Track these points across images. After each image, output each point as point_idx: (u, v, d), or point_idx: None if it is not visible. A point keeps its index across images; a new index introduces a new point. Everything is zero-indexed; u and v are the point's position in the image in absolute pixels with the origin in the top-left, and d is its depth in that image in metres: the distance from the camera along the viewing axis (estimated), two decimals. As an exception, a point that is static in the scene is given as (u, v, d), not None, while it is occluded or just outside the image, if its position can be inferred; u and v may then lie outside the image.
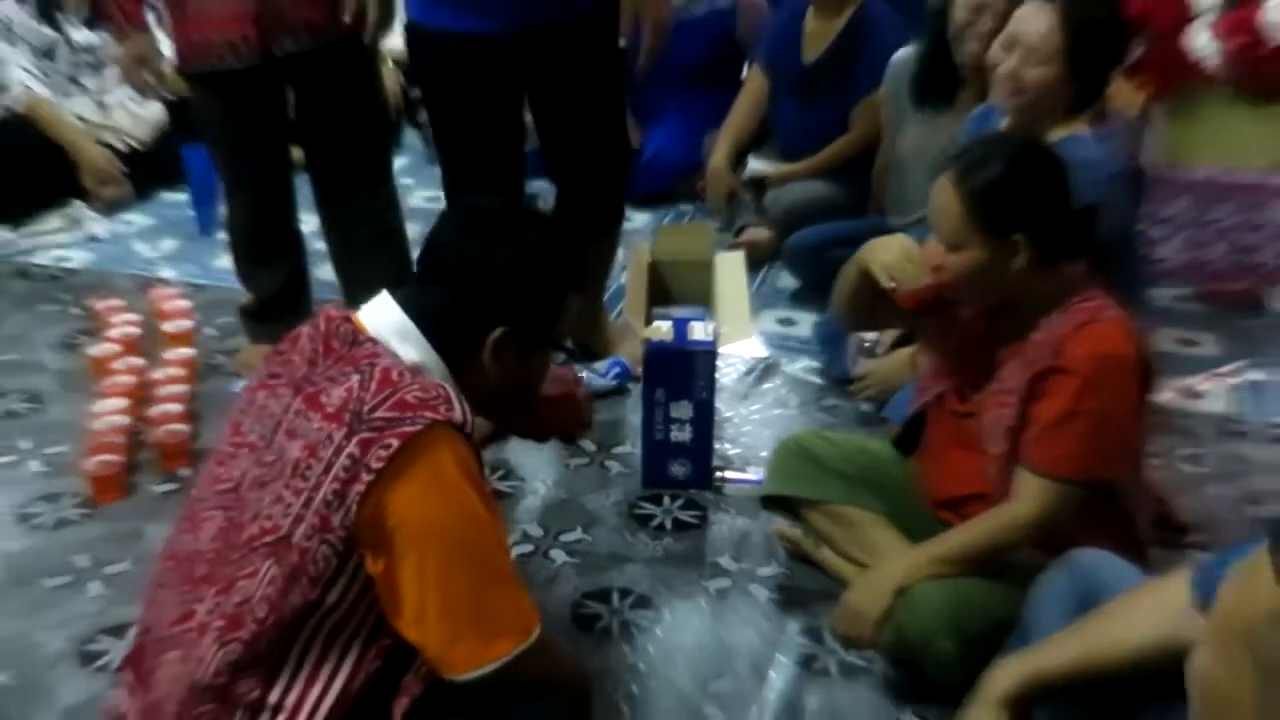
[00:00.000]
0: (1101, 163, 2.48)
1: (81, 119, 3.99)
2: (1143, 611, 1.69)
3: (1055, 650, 1.74)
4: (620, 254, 3.30)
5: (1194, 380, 3.15)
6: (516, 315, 1.64)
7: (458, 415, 1.49)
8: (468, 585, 1.50)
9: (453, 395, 1.51)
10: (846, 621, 2.14)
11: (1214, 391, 3.12)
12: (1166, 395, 3.08)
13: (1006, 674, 1.77)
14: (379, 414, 1.45)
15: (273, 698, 1.51)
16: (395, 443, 1.43)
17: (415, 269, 1.78)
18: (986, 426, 2.13)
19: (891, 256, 2.11)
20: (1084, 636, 1.73)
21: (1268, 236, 3.47)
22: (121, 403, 2.82)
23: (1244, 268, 3.52)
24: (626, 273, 3.31)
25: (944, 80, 3.17)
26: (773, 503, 2.45)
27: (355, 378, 1.49)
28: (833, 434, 2.49)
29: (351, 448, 1.44)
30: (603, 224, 3.07)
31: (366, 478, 1.43)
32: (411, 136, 4.57)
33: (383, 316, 1.61)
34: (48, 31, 4.00)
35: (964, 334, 2.20)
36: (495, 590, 1.53)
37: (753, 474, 2.70)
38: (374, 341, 1.57)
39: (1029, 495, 2.03)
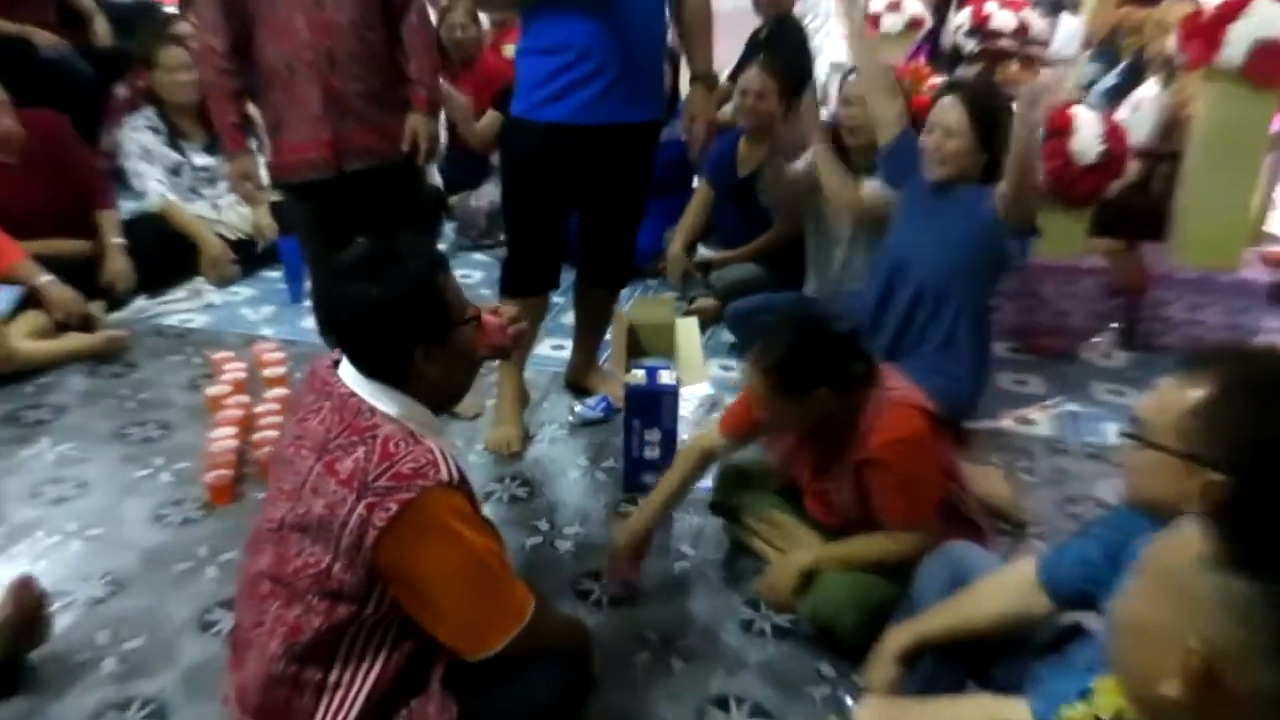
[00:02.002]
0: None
1: (201, 218, 3.94)
2: (999, 588, 1.68)
3: (935, 617, 1.72)
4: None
5: (1026, 410, 3.13)
6: (418, 331, 1.51)
7: (444, 475, 1.43)
8: (469, 598, 1.48)
9: (439, 458, 1.44)
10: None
11: (1041, 419, 3.10)
12: (1006, 422, 3.07)
13: (898, 636, 1.76)
14: (380, 483, 1.40)
15: (331, 679, 1.50)
16: (394, 507, 1.39)
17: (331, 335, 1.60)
18: (836, 504, 2.14)
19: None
20: (957, 607, 1.71)
21: (1078, 305, 3.48)
22: (232, 430, 2.75)
23: (1061, 328, 3.51)
24: (611, 333, 3.26)
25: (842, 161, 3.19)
26: (717, 508, 2.43)
27: (361, 449, 1.44)
28: (760, 461, 2.43)
29: (360, 509, 1.40)
30: (617, 281, 2.99)
31: (374, 533, 1.40)
32: (447, 228, 4.52)
33: (358, 385, 1.52)
34: (175, 155, 3.94)
35: (790, 454, 2.22)
36: (491, 596, 1.51)
37: (706, 483, 2.66)
38: (372, 411, 1.49)
39: (903, 538, 2.02)
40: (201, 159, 3.95)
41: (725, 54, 4.66)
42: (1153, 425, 1.29)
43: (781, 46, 4.28)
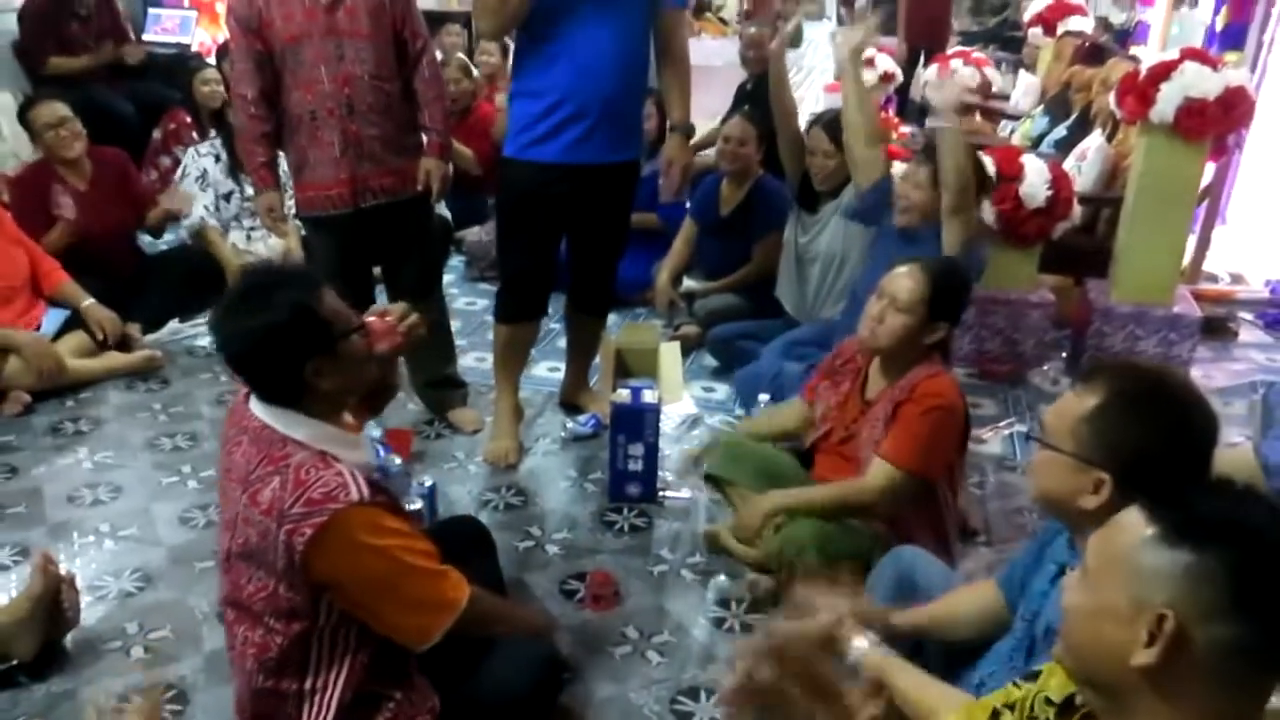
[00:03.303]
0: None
1: (235, 246, 3.98)
2: (968, 598, 1.70)
3: (908, 613, 1.71)
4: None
5: (980, 431, 3.16)
6: (303, 349, 1.47)
7: (354, 496, 1.41)
8: (397, 600, 1.50)
9: (348, 480, 1.43)
10: (738, 529, 2.26)
11: (993, 439, 3.14)
12: (961, 441, 3.12)
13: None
14: (295, 510, 1.40)
15: (307, 686, 1.52)
16: (309, 531, 1.39)
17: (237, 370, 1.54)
18: (861, 441, 2.19)
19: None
20: (934, 608, 1.72)
21: (1027, 335, 3.52)
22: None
23: (1011, 356, 3.56)
24: (600, 356, 3.30)
25: (810, 197, 3.25)
26: (710, 479, 2.46)
27: (277, 479, 1.43)
28: (755, 442, 2.47)
29: (283, 536, 1.41)
30: (602, 308, 3.04)
31: (298, 556, 1.41)
32: (456, 260, 4.56)
33: (269, 415, 1.50)
34: (230, 184, 3.98)
35: (841, 396, 2.28)
36: (418, 594, 1.51)
37: (685, 493, 2.70)
38: (284, 440, 1.47)
39: (874, 471, 2.10)
40: (252, 189, 4.00)
41: (718, 103, 4.75)
42: (1052, 429, 1.35)
43: (763, 98, 4.35)
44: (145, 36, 5.46)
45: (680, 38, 2.68)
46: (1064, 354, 3.73)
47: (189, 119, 4.64)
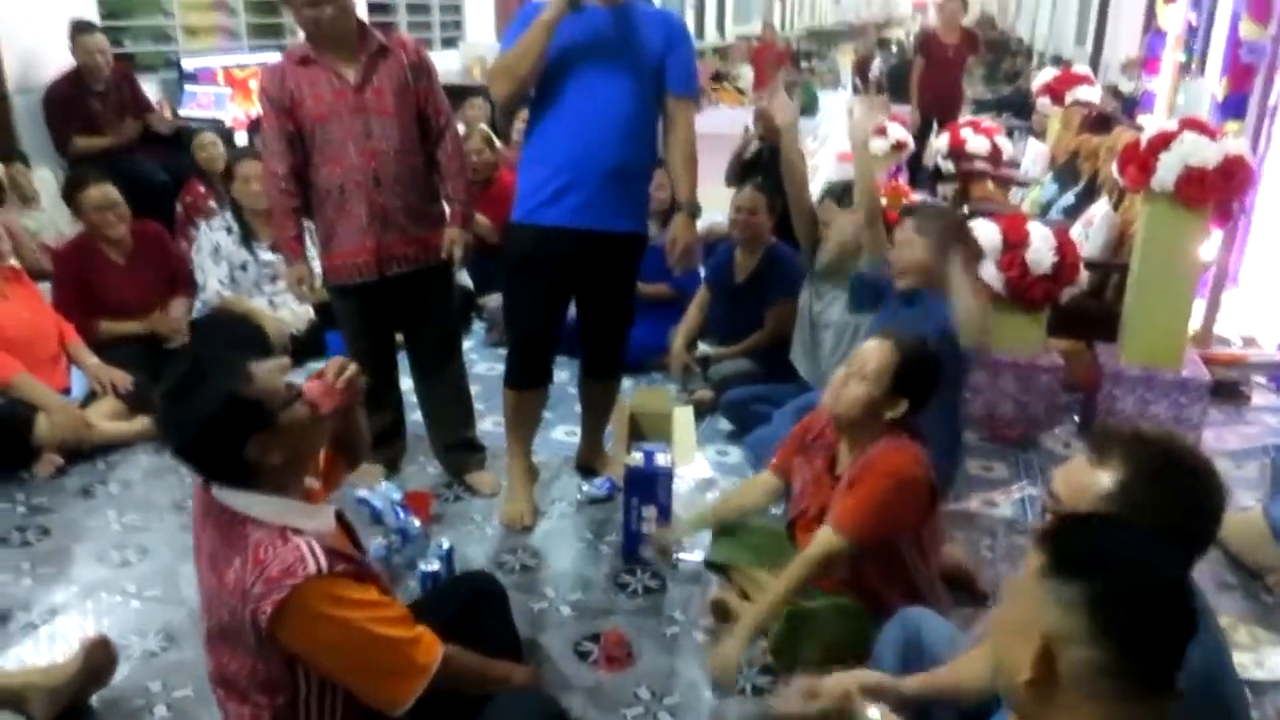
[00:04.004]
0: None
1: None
2: (976, 661, 1.71)
3: (919, 679, 1.72)
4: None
5: (991, 494, 3.19)
6: (243, 430, 1.48)
7: (312, 569, 1.43)
8: (364, 669, 1.53)
9: (305, 554, 1.44)
10: (716, 672, 2.18)
11: (1004, 502, 3.15)
12: (973, 503, 3.13)
13: (867, 675, 1.73)
14: (256, 589, 1.43)
15: None
16: (269, 609, 1.42)
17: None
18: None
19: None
20: (948, 670, 1.73)
21: (1036, 398, 3.55)
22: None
23: (1022, 419, 3.58)
24: (615, 420, 3.36)
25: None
26: (711, 565, 2.51)
27: (238, 559, 1.46)
28: (751, 525, 2.51)
29: (247, 614, 1.44)
30: (611, 373, 3.08)
31: (264, 631, 1.44)
32: (477, 326, 4.65)
33: (226, 496, 1.52)
34: (244, 254, 4.11)
35: (815, 472, 2.29)
36: (386, 661, 1.53)
37: (697, 555, 2.73)
38: (243, 521, 1.49)
39: (817, 538, 2.10)
40: (267, 255, 4.12)
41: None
42: (1071, 504, 1.38)
43: (777, 168, 4.46)
44: (181, 111, 5.67)
45: (686, 122, 2.75)
46: (1075, 417, 3.75)
47: (203, 188, 4.82)
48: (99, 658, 2.12)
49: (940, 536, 2.37)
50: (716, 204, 4.97)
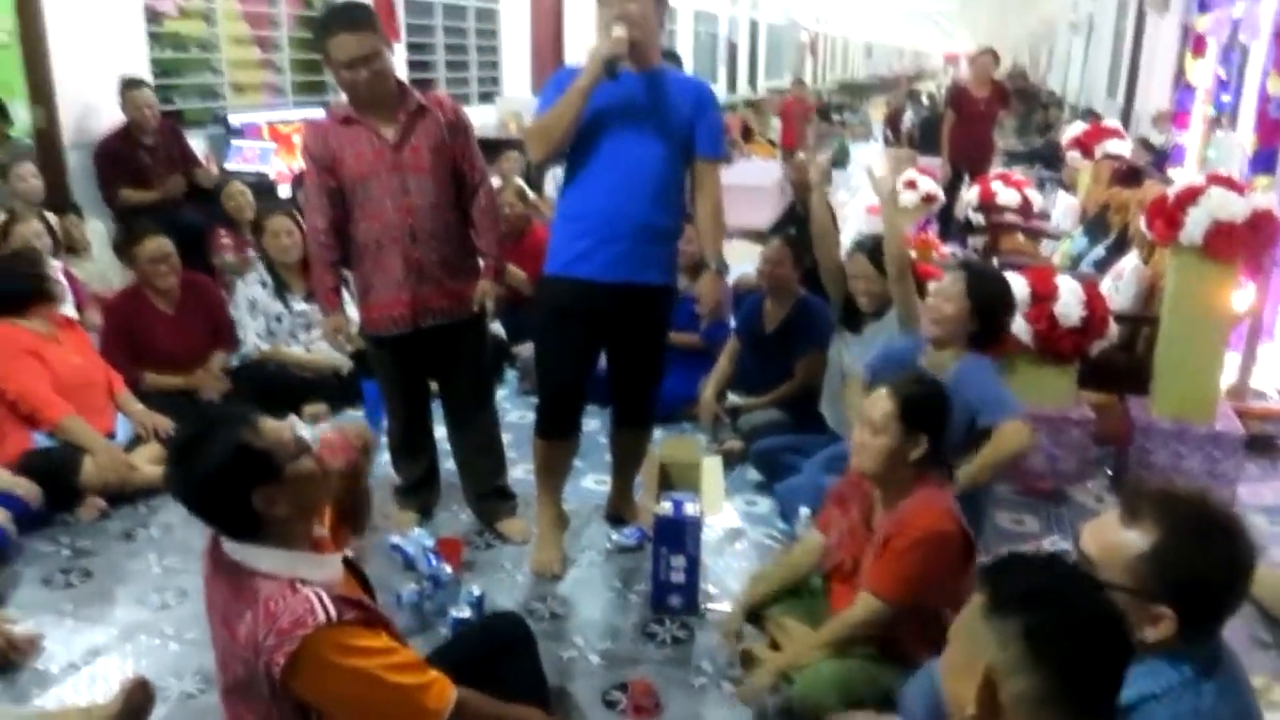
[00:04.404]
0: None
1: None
2: None
3: None
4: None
5: (1021, 547, 3.15)
6: (250, 480, 1.52)
7: (321, 619, 1.47)
8: (377, 713, 1.56)
9: (315, 604, 1.48)
10: (745, 695, 2.25)
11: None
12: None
13: None
14: (268, 641, 1.46)
15: None
16: (282, 660, 1.45)
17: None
18: (864, 570, 2.21)
19: None
20: None
21: (1067, 451, 3.54)
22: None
23: (1053, 472, 3.56)
24: (644, 469, 3.39)
25: (854, 318, 3.37)
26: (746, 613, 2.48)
27: (249, 613, 1.49)
28: (784, 578, 2.48)
29: (261, 666, 1.47)
30: (641, 422, 3.11)
31: (277, 682, 1.47)
32: (510, 375, 4.72)
33: (237, 551, 1.56)
34: (279, 306, 4.22)
35: (851, 523, 2.30)
36: (397, 707, 1.56)
37: (726, 606, 2.73)
38: (252, 574, 1.53)
39: (858, 604, 2.13)
40: (300, 305, 4.24)
41: (766, 221, 4.96)
42: (1103, 564, 1.37)
43: (805, 222, 4.53)
44: (227, 165, 5.85)
45: (714, 183, 2.82)
46: (1107, 471, 3.73)
47: (225, 235, 4.95)
48: (138, 699, 2.17)
49: (973, 589, 2.36)
50: (748, 256, 5.05)
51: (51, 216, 4.46)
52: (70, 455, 3.25)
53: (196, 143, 5.67)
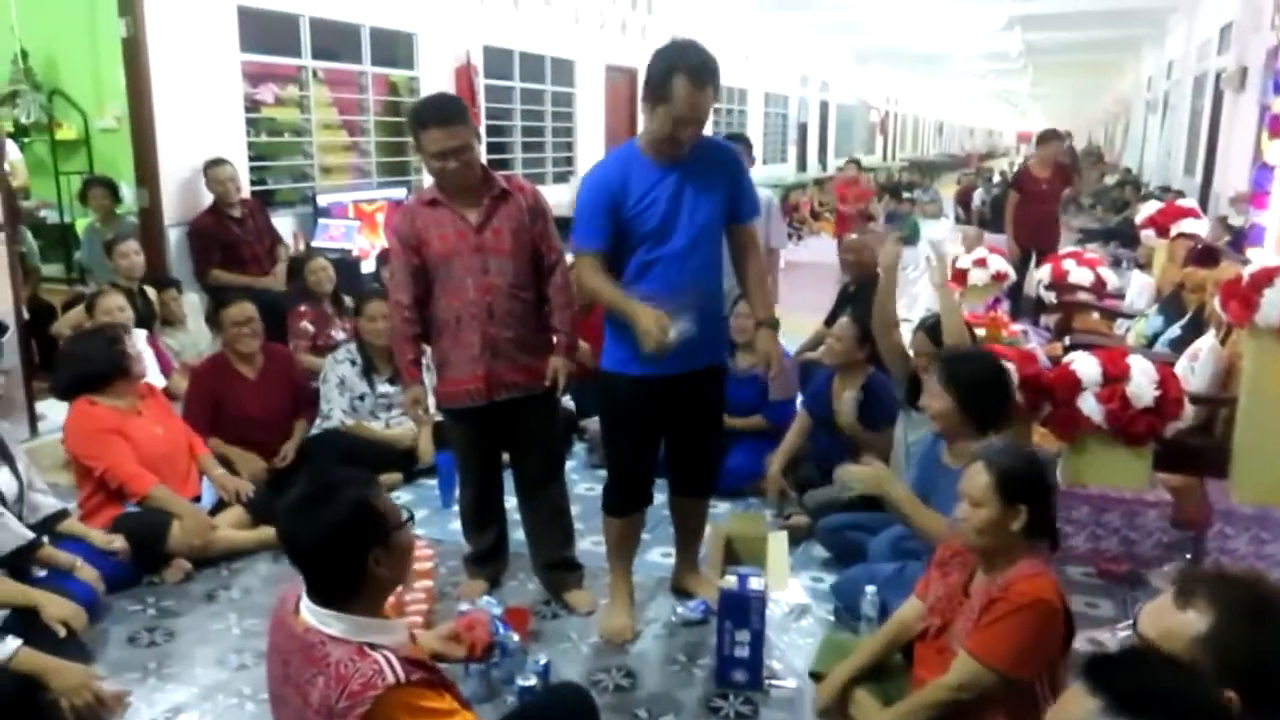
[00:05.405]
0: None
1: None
2: None
3: None
4: (707, 530, 3.38)
5: (1097, 632, 3.10)
6: (368, 539, 1.63)
7: (391, 680, 1.54)
8: None
9: (384, 667, 1.55)
10: None
11: (1111, 641, 3.05)
12: (1077, 642, 3.04)
13: None
14: (341, 704, 1.53)
15: None
16: None
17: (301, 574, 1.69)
18: (955, 632, 2.19)
19: None
20: None
21: (1143, 534, 3.46)
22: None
23: (1128, 555, 3.48)
24: (709, 544, 3.42)
25: (919, 397, 3.33)
26: (814, 675, 2.51)
27: (322, 679, 1.56)
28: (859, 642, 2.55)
29: None
30: (701, 490, 3.16)
31: None
32: (578, 448, 4.79)
33: (313, 617, 1.65)
34: (364, 386, 4.39)
35: (949, 588, 2.30)
36: None
37: (790, 683, 2.73)
38: (324, 642, 1.60)
39: (956, 665, 2.09)
40: (384, 388, 4.41)
41: (829, 299, 5.01)
42: (1164, 648, 1.38)
43: (863, 300, 4.57)
44: (314, 243, 6.14)
45: (754, 244, 2.95)
46: (1187, 555, 3.63)
47: (303, 312, 5.08)
48: None
49: (1069, 675, 2.32)
50: (807, 331, 5.10)
51: (151, 291, 4.74)
52: (158, 520, 3.39)
53: (287, 221, 5.98)
